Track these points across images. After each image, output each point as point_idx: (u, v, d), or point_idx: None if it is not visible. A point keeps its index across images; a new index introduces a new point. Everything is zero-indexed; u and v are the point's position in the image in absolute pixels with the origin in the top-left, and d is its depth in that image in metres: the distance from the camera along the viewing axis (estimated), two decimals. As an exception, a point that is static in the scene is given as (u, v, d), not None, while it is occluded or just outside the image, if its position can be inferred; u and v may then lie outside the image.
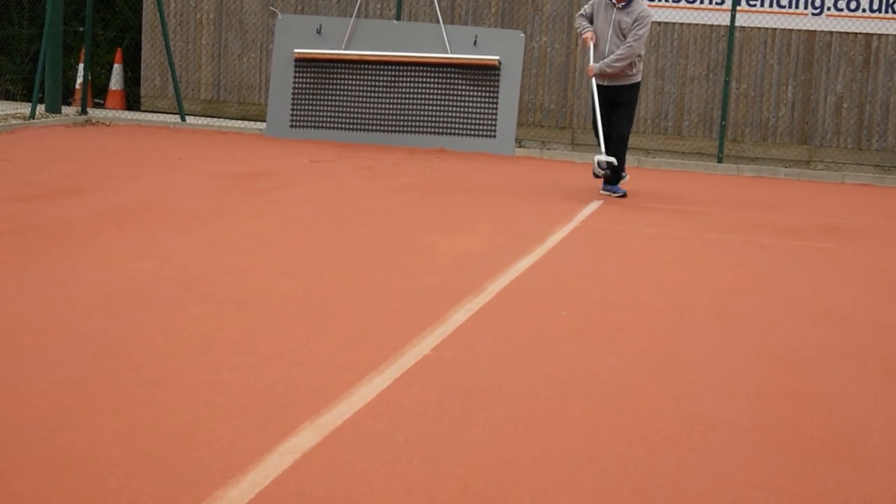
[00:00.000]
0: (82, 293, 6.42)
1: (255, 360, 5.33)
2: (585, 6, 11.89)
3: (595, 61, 11.63)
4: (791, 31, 17.06)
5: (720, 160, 16.17)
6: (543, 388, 5.19)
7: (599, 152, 11.57)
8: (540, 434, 4.56)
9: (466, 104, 15.50)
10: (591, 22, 11.72)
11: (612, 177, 11.78)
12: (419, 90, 15.58)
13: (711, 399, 5.20)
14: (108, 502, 3.69)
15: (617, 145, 11.70)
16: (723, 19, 16.93)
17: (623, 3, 11.47)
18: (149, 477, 3.89)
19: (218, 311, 6.21)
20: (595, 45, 11.67)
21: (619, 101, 11.70)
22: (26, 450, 4.07)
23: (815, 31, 17.00)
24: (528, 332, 6.22)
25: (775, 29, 17.08)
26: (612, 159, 11.34)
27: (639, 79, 11.77)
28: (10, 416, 4.39)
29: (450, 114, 15.51)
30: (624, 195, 11.80)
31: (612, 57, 11.47)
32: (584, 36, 11.75)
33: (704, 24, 17.22)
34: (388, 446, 4.30)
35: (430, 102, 15.55)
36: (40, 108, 16.43)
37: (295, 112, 15.77)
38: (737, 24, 16.51)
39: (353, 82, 15.70)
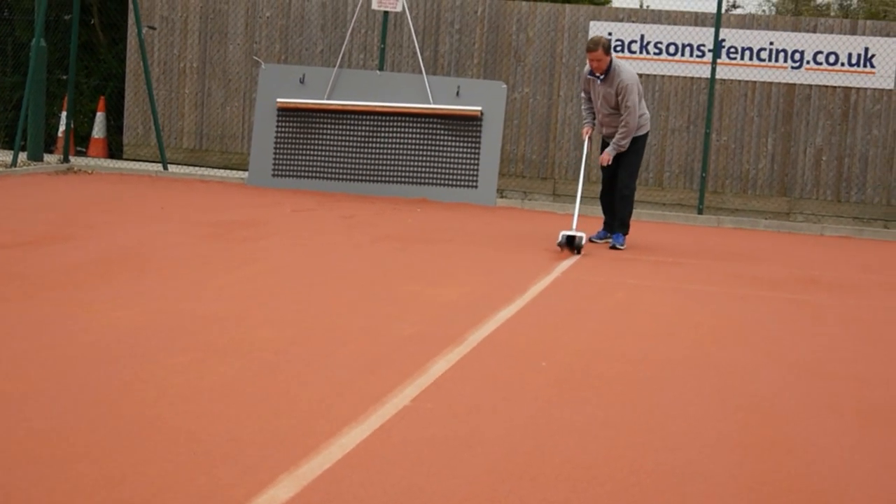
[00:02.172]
0: (63, 341, 6.41)
1: (236, 409, 5.32)
2: (580, 87, 12.32)
3: (600, 130, 12.08)
4: (771, 83, 17.19)
5: (700, 211, 16.24)
6: (523, 439, 5.20)
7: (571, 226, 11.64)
8: (519, 485, 4.57)
9: (448, 154, 15.55)
10: (589, 97, 12.09)
11: (622, 227, 12.07)
12: (401, 140, 15.64)
13: (689, 450, 5.21)
14: (87, 552, 3.67)
15: (622, 201, 12.04)
16: (703, 72, 17.05)
17: (601, 75, 11.78)
18: (127, 526, 3.88)
19: (198, 359, 6.20)
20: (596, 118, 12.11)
21: (622, 157, 12.01)
22: (3, 498, 4.05)
23: (794, 85, 17.14)
24: (508, 382, 6.23)
25: (755, 82, 17.22)
26: (581, 234, 11.33)
27: (644, 131, 12.07)
28: (-11, 465, 4.37)
29: (432, 164, 15.56)
30: (619, 248, 12.04)
31: (616, 138, 11.83)
32: (584, 128, 12.19)
33: (685, 77, 17.34)
34: (367, 497, 4.30)
35: (413, 152, 15.61)
36: (22, 155, 16.43)
37: (277, 161, 15.80)
38: (717, 76, 16.64)
39: (336, 132, 15.75)
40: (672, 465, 4.98)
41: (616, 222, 12.16)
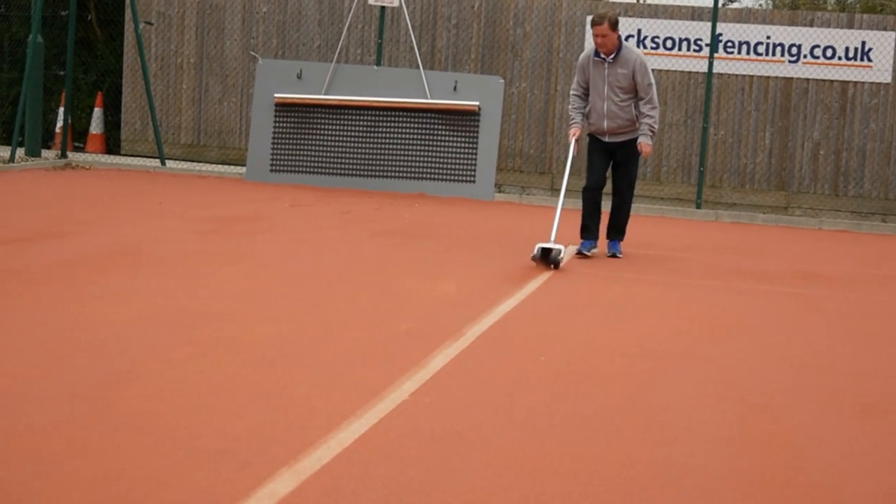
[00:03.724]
0: (59, 337, 6.41)
1: (233, 404, 5.32)
2: (577, 77, 10.92)
3: (595, 124, 10.81)
4: (768, 78, 17.19)
5: (698, 206, 16.25)
6: (521, 433, 5.20)
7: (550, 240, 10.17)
8: (517, 479, 4.57)
9: (446, 149, 15.55)
10: (587, 88, 10.81)
11: (619, 234, 11.06)
12: (399, 135, 15.64)
13: (687, 444, 5.21)
14: (85, 547, 3.68)
15: (621, 209, 11.04)
16: (701, 66, 17.05)
17: (613, 55, 10.58)
18: (125, 522, 3.88)
19: (196, 354, 6.20)
20: (590, 111, 10.82)
21: (624, 158, 10.93)
22: (1, 494, 4.05)
23: (791, 79, 17.14)
24: (506, 376, 6.23)
25: (753, 76, 17.22)
26: (560, 247, 9.98)
27: None
28: (-13, 461, 4.37)
29: (429, 159, 15.56)
30: (619, 256, 10.99)
31: (648, 122, 10.68)
32: (571, 129, 10.88)
33: (683, 71, 17.35)
34: (365, 491, 4.30)
35: (410, 147, 15.61)
36: (20, 151, 16.42)
37: (275, 156, 15.80)
38: (715, 70, 16.63)
39: (334, 127, 15.75)
40: (670, 458, 4.98)
41: (612, 229, 11.07)
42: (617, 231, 11.09)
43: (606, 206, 11.05)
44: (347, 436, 4.95)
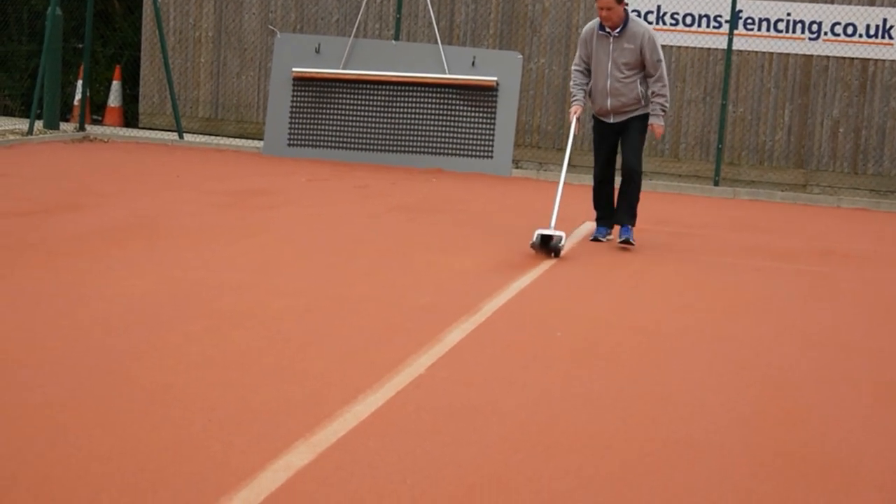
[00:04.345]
0: (78, 309, 6.43)
1: (250, 376, 5.34)
2: (579, 51, 10.18)
3: (598, 103, 10.10)
4: (788, 55, 17.11)
5: (717, 183, 16.20)
6: (537, 409, 5.20)
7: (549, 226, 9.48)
8: (533, 454, 4.57)
9: (464, 125, 15.53)
10: (589, 64, 10.08)
11: (631, 218, 10.10)
12: (417, 110, 15.61)
13: (703, 421, 5.21)
14: (101, 517, 3.69)
15: (629, 185, 10.14)
16: (720, 43, 16.98)
17: (619, 29, 9.85)
18: (142, 493, 3.90)
19: (213, 327, 6.22)
20: (591, 90, 10.12)
21: (626, 132, 10.13)
22: (20, 464, 4.07)
23: (811, 56, 17.06)
24: (522, 352, 6.23)
25: (772, 53, 17.14)
26: (561, 234, 9.32)
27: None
28: (5, 431, 4.39)
29: (447, 134, 15.54)
30: (632, 243, 10.03)
31: (658, 101, 9.99)
32: (572, 108, 10.17)
33: (702, 48, 17.28)
34: (382, 465, 4.31)
35: (428, 123, 15.58)
36: (38, 124, 16.45)
37: (293, 131, 15.79)
38: (734, 47, 16.56)
39: (351, 102, 15.73)
40: (686, 435, 4.98)
41: (622, 213, 10.12)
42: (628, 214, 10.11)
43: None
44: (363, 409, 4.96)
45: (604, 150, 10.30)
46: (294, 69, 15.76)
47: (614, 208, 10.28)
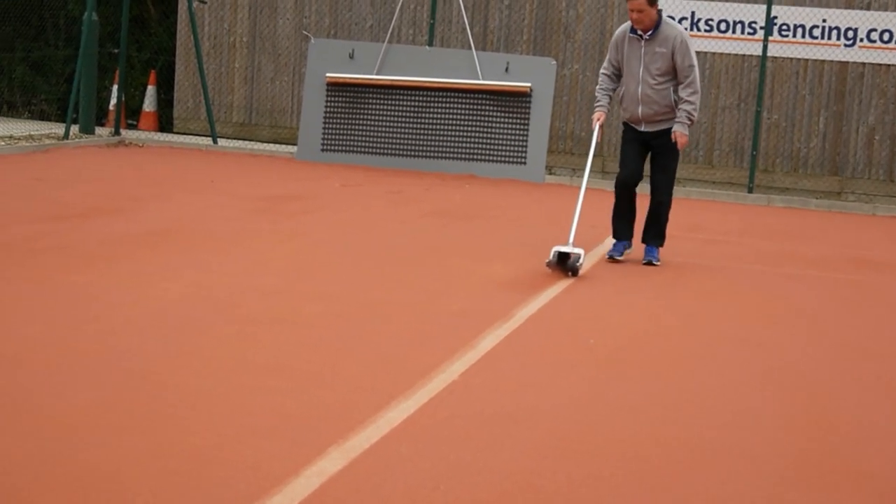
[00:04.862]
0: (112, 313, 6.46)
1: (283, 382, 5.35)
2: (609, 55, 9.60)
3: (628, 110, 9.49)
4: (823, 62, 17.03)
5: (750, 190, 16.14)
6: (570, 415, 5.19)
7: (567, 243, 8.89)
8: (566, 461, 4.57)
9: (497, 131, 15.52)
10: (619, 69, 9.50)
11: (659, 238, 9.59)
12: (450, 116, 15.62)
13: (735, 428, 5.19)
14: (135, 521, 3.71)
15: (659, 209, 9.57)
16: (755, 49, 16.92)
17: (651, 32, 9.28)
18: (175, 497, 3.91)
19: (246, 332, 6.24)
20: (623, 96, 9.51)
21: (662, 149, 9.47)
22: (53, 467, 4.09)
23: (847, 63, 16.98)
24: (555, 358, 6.22)
25: (807, 60, 17.06)
26: (580, 251, 8.73)
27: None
28: (39, 434, 4.42)
29: (480, 140, 15.53)
30: (656, 264, 9.48)
31: (686, 108, 9.25)
32: (595, 114, 9.63)
33: (736, 54, 17.22)
34: (414, 471, 4.31)
35: (461, 128, 15.58)
36: (74, 128, 16.53)
37: (326, 136, 15.82)
38: (769, 54, 16.50)
39: (385, 107, 15.74)
40: (718, 442, 4.96)
41: (650, 234, 9.59)
42: (655, 235, 9.60)
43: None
44: (396, 415, 4.96)
45: (630, 152, 9.61)
46: (328, 74, 15.79)
47: (632, 226, 9.67)
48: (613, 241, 9.73)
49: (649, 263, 9.44)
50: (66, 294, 6.83)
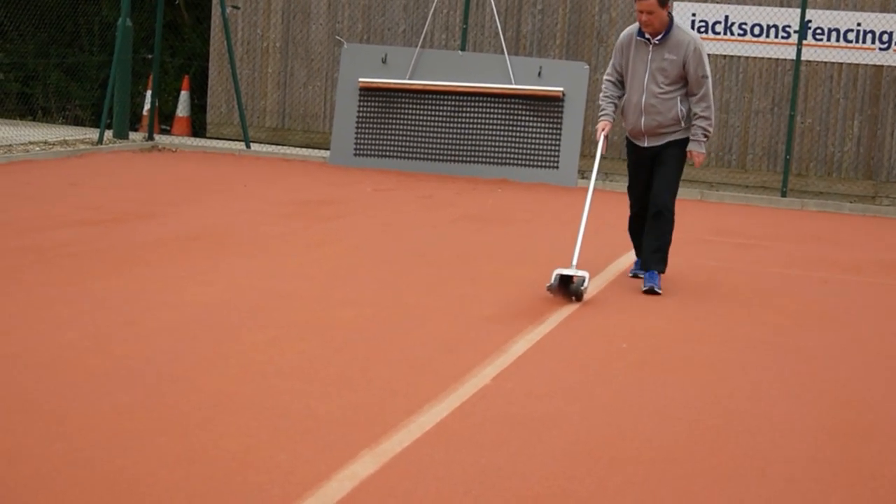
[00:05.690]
0: (146, 317, 6.49)
1: (315, 386, 5.36)
2: (613, 59, 8.86)
3: (630, 122, 8.76)
4: (858, 65, 16.95)
5: (784, 194, 16.07)
6: (602, 420, 5.19)
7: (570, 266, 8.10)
8: (598, 466, 4.56)
9: (529, 135, 15.51)
10: (624, 75, 8.77)
11: (659, 262, 8.53)
12: (482, 120, 15.62)
13: (770, 433, 5.17)
14: (168, 524, 3.73)
15: (658, 222, 8.55)
16: (789, 53, 16.85)
17: (660, 37, 8.48)
18: (208, 500, 3.93)
19: (279, 337, 6.25)
20: (625, 107, 8.80)
21: (662, 160, 8.63)
22: (88, 471, 4.12)
23: (882, 66, 16.89)
24: (587, 363, 6.22)
25: (842, 63, 16.98)
26: (583, 274, 7.93)
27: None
28: (74, 438, 4.45)
29: (513, 144, 15.53)
30: (657, 292, 8.41)
31: (701, 124, 8.47)
32: (599, 123, 8.80)
33: (770, 58, 17.16)
34: (446, 475, 4.32)
35: (493, 133, 15.58)
36: (108, 133, 16.62)
37: (359, 141, 15.85)
38: (803, 58, 16.43)
39: (417, 112, 15.76)
40: (752, 447, 4.94)
41: (649, 256, 8.55)
42: (655, 259, 8.55)
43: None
44: (428, 419, 4.97)
45: (640, 188, 8.85)
46: (361, 79, 15.82)
47: None
48: (636, 259, 9.03)
49: (650, 291, 8.38)
50: (100, 298, 6.87)
